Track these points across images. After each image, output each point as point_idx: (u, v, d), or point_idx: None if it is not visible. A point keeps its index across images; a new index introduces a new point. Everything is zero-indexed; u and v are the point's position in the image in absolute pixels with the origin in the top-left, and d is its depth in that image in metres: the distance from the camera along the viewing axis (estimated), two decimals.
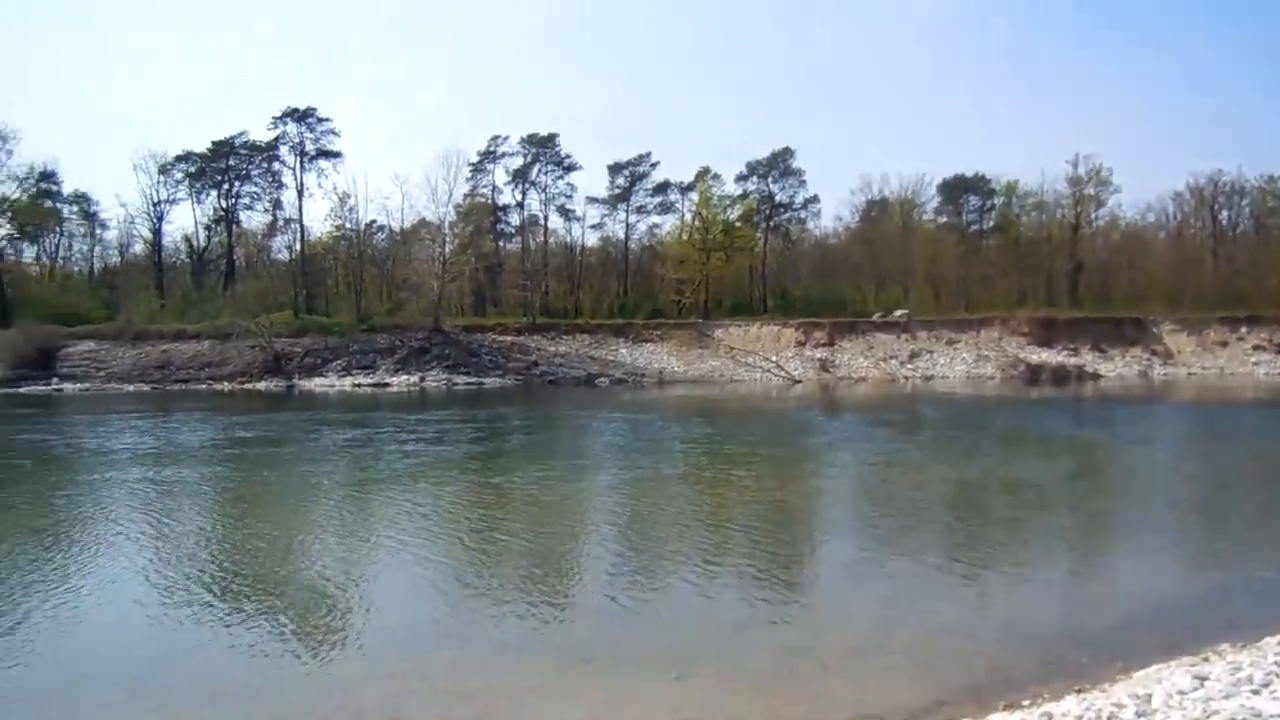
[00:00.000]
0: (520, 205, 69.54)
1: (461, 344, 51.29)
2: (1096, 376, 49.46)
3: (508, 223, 70.46)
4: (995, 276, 66.20)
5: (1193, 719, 3.60)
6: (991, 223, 71.10)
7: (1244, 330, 54.13)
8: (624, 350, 53.64)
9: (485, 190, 68.50)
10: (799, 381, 49.15)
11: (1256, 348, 53.21)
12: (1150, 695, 5.09)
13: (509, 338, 53.53)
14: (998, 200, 70.38)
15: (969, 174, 70.17)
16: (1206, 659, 7.09)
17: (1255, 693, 4.45)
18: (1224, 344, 53.69)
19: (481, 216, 66.03)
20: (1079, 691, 6.63)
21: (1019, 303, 59.39)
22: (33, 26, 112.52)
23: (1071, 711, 5.40)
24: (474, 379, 48.22)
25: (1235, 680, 5.00)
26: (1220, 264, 64.52)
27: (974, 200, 71.19)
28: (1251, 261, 63.04)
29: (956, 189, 70.38)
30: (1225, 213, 69.14)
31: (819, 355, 52.64)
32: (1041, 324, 53.74)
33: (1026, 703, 6.67)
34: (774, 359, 52.29)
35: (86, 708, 7.53)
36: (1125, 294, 61.39)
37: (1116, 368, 51.22)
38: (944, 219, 71.96)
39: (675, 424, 30.60)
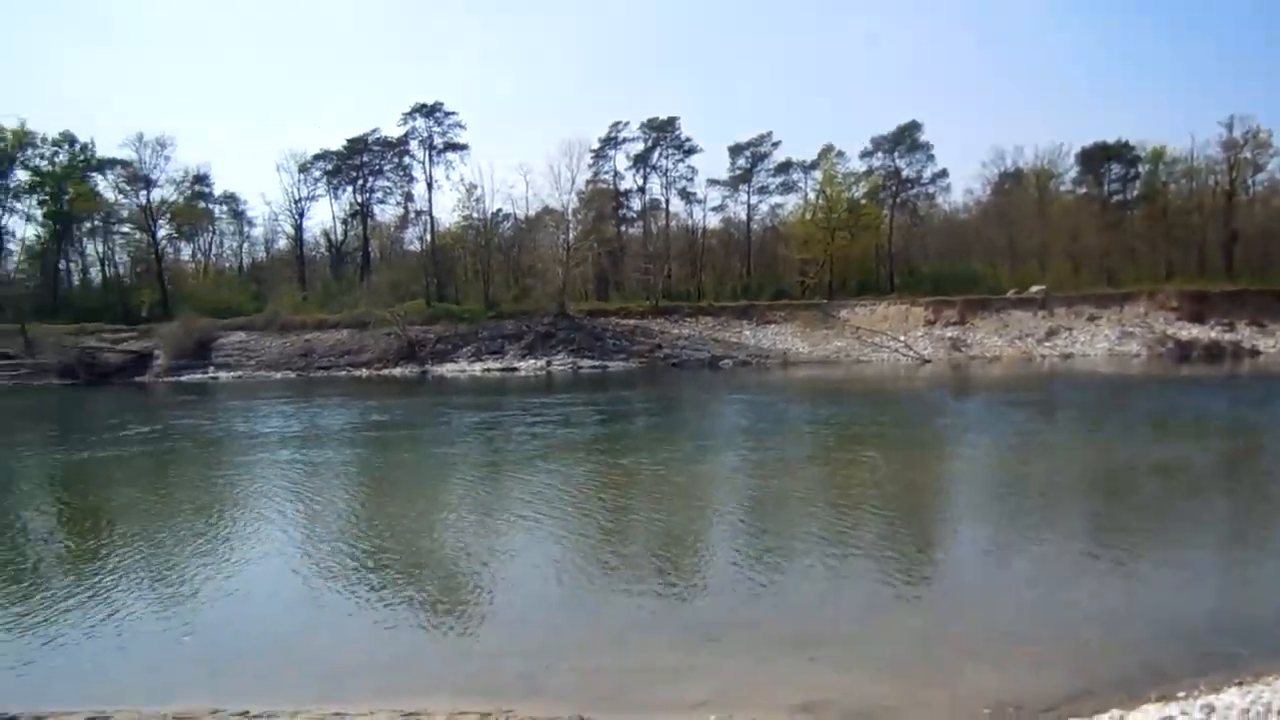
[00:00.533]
0: (641, 190, 69.89)
1: (586, 328, 52.09)
2: (1255, 353, 46.20)
3: (629, 207, 70.98)
4: (1140, 249, 62.46)
5: None
6: (1136, 192, 66.96)
7: None
8: (748, 332, 53.35)
9: (607, 176, 69.19)
10: (928, 361, 47.81)
11: None
12: None
13: (632, 321, 53.99)
14: (1143, 168, 66.15)
15: (1111, 141, 66.32)
16: None
17: None
18: None
19: (603, 202, 66.73)
20: (1240, 684, 6.28)
21: (1166, 276, 55.93)
22: (183, 45, 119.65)
23: (1236, 704, 5.11)
24: (599, 363, 48.91)
25: None
26: None
27: (1116, 169, 67.09)
28: None
29: (1097, 158, 66.49)
30: None
31: (949, 334, 51.02)
32: (1192, 298, 50.45)
33: (1181, 694, 6.35)
34: (902, 339, 51.01)
35: (245, 674, 8.09)
36: None
37: (1277, 344, 47.69)
38: (1083, 190, 68.23)
39: (801, 405, 30.27)
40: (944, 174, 68.14)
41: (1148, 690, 6.66)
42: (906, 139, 65.92)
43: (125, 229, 64.70)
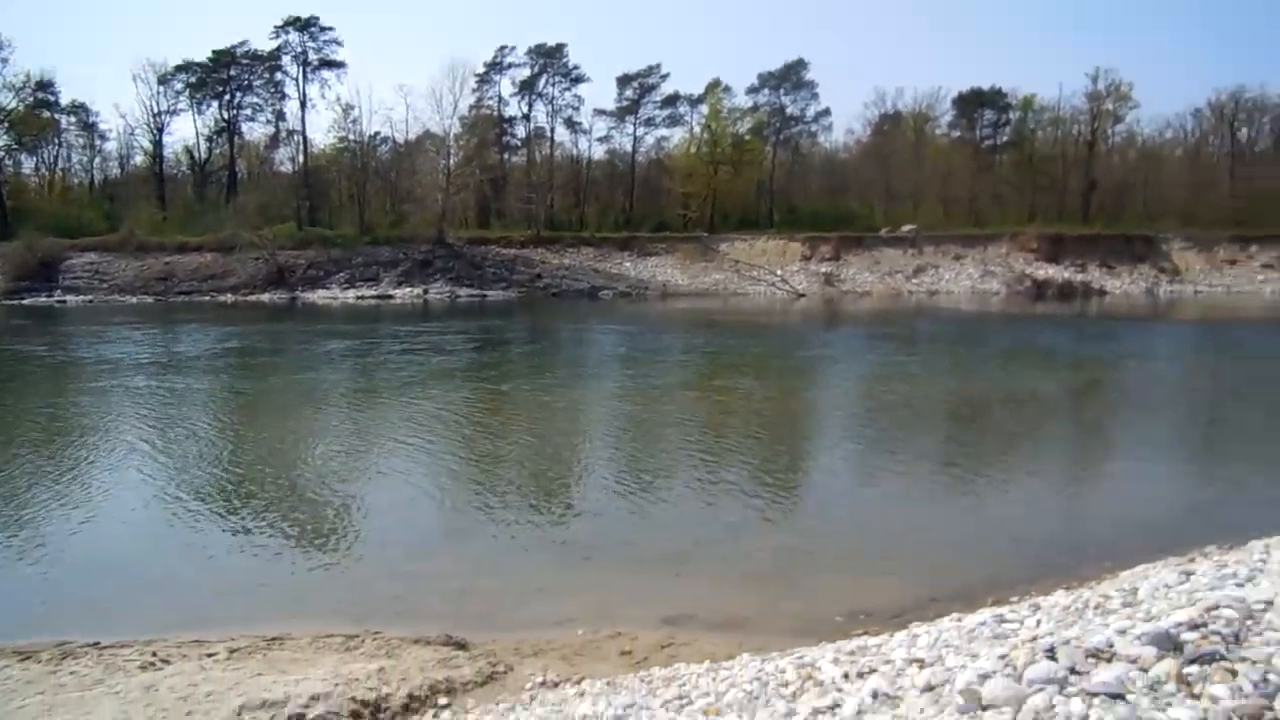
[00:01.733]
0: (526, 117, 68.24)
1: (465, 257, 51.10)
2: (1102, 293, 49.26)
3: (513, 135, 69.24)
4: (1007, 194, 65.22)
5: (1177, 607, 3.70)
6: (1006, 138, 69.64)
7: (1254, 249, 53.47)
8: (628, 263, 53.50)
9: (491, 102, 67.13)
10: (803, 295, 49.05)
11: (1265, 266, 52.63)
12: (1136, 589, 5.21)
13: (513, 251, 53.26)
14: (1013, 115, 68.78)
15: (986, 87, 68.48)
16: (1193, 559, 7.26)
17: (1240, 585, 4.54)
18: (1233, 262, 53.21)
19: (487, 128, 64.85)
20: (1067, 588, 6.80)
21: (1030, 220, 58.65)
22: None
23: (1059, 603, 5.55)
24: (477, 291, 48.17)
25: (1221, 575, 5.09)
26: (1237, 183, 63.12)
27: (989, 115, 69.43)
28: (1269, 180, 61.48)
29: (972, 103, 68.56)
30: (1245, 130, 67.45)
31: (824, 270, 52.44)
32: (1050, 240, 53.28)
33: (1014, 599, 6.85)
34: (779, 273, 52.12)
35: (102, 598, 7.79)
36: (1139, 213, 60.42)
37: (1123, 285, 50.95)
38: (958, 134, 70.45)
39: (678, 335, 30.66)
40: (827, 113, 69.20)
41: (985, 596, 7.16)
42: (792, 77, 66.48)
43: None
